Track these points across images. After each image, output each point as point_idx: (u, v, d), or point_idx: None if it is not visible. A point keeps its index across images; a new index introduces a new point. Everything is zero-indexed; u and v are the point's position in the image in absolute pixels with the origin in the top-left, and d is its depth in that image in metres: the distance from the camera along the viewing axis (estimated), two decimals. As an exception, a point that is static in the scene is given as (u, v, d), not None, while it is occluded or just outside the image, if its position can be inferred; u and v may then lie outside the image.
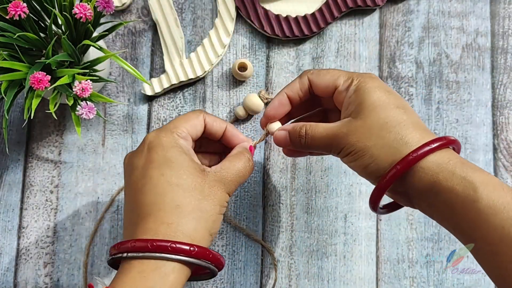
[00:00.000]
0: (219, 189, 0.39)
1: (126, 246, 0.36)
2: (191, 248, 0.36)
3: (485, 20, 0.58)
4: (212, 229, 0.39)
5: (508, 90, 0.57)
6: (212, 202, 0.38)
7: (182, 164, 0.38)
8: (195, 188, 0.38)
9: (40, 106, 0.54)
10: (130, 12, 0.58)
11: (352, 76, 0.41)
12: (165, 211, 0.37)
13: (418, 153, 0.36)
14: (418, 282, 0.53)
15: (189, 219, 0.37)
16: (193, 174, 0.38)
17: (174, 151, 0.39)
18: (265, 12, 0.56)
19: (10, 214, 0.54)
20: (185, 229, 0.37)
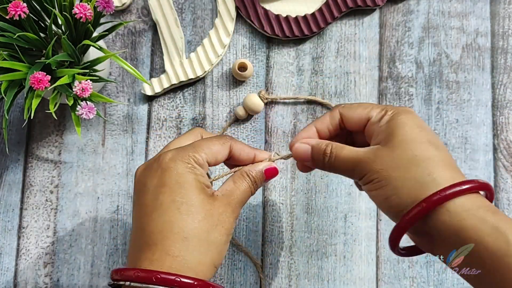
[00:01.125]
0: (227, 216, 0.38)
1: (130, 275, 0.35)
2: (195, 282, 0.35)
3: (485, 20, 0.58)
4: (217, 261, 0.37)
5: (508, 90, 0.57)
6: (220, 232, 0.37)
7: (193, 192, 0.37)
8: (204, 218, 0.36)
9: (40, 106, 0.54)
10: (130, 12, 0.58)
11: (386, 108, 0.39)
12: (172, 242, 0.36)
13: (446, 192, 0.33)
14: (418, 282, 0.53)
15: (196, 253, 0.36)
16: (203, 202, 0.37)
17: (187, 179, 0.37)
18: (265, 12, 0.56)
19: (10, 214, 0.54)
20: (190, 263, 0.36)
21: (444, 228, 0.34)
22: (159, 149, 0.55)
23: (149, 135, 0.56)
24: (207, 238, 0.36)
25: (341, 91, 0.56)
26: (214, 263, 0.37)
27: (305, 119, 0.56)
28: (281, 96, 0.56)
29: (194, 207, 0.36)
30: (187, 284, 0.34)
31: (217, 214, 0.37)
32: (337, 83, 0.57)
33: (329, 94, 0.56)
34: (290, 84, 0.57)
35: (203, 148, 0.39)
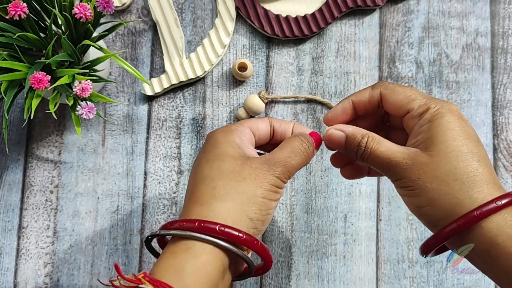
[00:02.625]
0: (262, 171, 0.37)
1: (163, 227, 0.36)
2: (219, 227, 0.34)
3: (485, 20, 0.58)
4: (252, 213, 0.36)
5: (508, 90, 0.57)
6: (252, 183, 0.36)
7: (227, 152, 0.37)
8: (233, 171, 0.37)
9: (40, 106, 0.54)
10: (130, 12, 0.58)
11: (430, 103, 0.37)
12: (201, 193, 0.36)
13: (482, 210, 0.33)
14: (418, 282, 0.53)
15: (223, 200, 0.36)
16: (235, 159, 0.37)
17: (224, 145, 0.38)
18: (265, 12, 0.56)
19: (10, 214, 0.54)
20: (217, 210, 0.35)
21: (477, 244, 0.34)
22: (159, 149, 0.55)
23: (149, 135, 0.56)
24: (235, 187, 0.36)
25: (341, 91, 0.56)
26: (247, 214, 0.36)
27: (305, 119, 0.56)
28: (281, 96, 0.56)
29: (224, 162, 0.37)
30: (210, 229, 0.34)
31: (249, 169, 0.37)
32: (337, 83, 0.57)
33: (329, 94, 0.56)
34: (290, 84, 0.57)
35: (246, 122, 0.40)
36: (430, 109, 0.36)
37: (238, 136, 0.39)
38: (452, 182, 0.34)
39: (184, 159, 0.55)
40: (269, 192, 0.37)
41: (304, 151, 0.39)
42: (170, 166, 0.55)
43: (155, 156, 0.55)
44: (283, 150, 0.38)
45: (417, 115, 0.37)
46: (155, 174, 0.55)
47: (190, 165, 0.55)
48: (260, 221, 0.36)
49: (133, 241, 0.54)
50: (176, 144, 0.56)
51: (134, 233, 0.54)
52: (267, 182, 0.37)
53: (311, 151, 0.39)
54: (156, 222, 0.54)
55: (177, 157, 0.55)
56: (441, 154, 0.35)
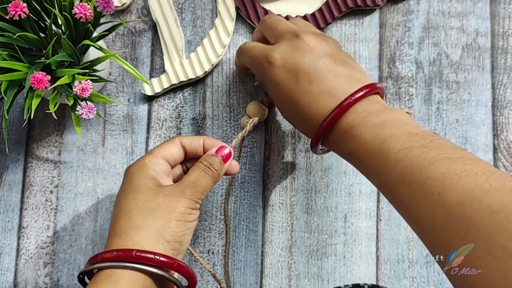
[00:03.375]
0: (174, 196, 0.40)
1: (88, 262, 0.39)
2: (135, 253, 0.37)
3: (485, 20, 0.58)
4: (169, 236, 0.39)
5: (508, 90, 0.57)
6: (166, 208, 0.40)
7: (141, 184, 0.41)
8: (148, 200, 0.40)
9: (40, 106, 0.54)
10: (130, 12, 0.58)
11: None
12: (120, 225, 0.39)
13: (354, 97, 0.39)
14: (418, 282, 0.53)
15: (139, 229, 0.39)
16: (149, 189, 0.41)
17: (137, 177, 0.42)
18: (265, 12, 0.56)
19: (10, 214, 0.54)
20: (134, 238, 0.38)
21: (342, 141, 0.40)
22: (159, 149, 0.55)
23: (149, 135, 0.56)
24: (150, 215, 0.39)
25: (341, 91, 0.56)
26: (164, 238, 0.39)
27: (305, 119, 0.56)
28: (281, 96, 0.56)
29: (139, 194, 0.40)
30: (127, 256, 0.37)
31: (162, 195, 0.40)
32: (337, 83, 0.57)
33: (329, 94, 0.56)
34: (290, 84, 0.56)
35: (155, 149, 0.44)
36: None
37: (152, 168, 0.42)
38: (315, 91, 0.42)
39: (184, 159, 0.55)
40: (183, 214, 0.40)
41: (210, 173, 0.43)
42: (170, 166, 0.55)
43: (155, 156, 0.55)
44: (191, 175, 0.43)
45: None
46: (155, 174, 0.55)
47: (190, 165, 0.55)
48: (177, 242, 0.40)
49: (133, 241, 0.54)
50: (176, 144, 0.56)
51: (134, 233, 0.54)
52: (179, 205, 0.40)
53: (216, 173, 0.44)
54: (156, 222, 0.54)
55: (177, 157, 0.55)
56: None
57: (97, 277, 0.38)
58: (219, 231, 0.54)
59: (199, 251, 0.54)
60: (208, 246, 0.54)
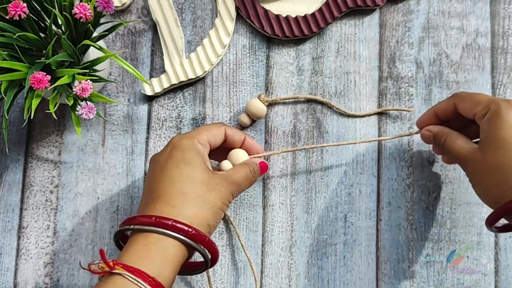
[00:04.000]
0: (224, 186, 0.44)
1: (134, 220, 0.41)
2: (189, 229, 0.40)
3: (485, 20, 0.58)
4: (211, 221, 0.43)
5: (508, 90, 0.57)
6: (215, 195, 0.43)
7: (195, 162, 0.44)
8: (202, 182, 0.43)
9: (40, 106, 0.54)
10: (130, 12, 0.58)
11: (491, 104, 0.43)
12: (172, 195, 0.42)
13: None
14: (418, 282, 0.53)
15: (192, 206, 0.42)
16: (203, 170, 0.43)
17: (191, 152, 0.44)
18: (265, 12, 0.56)
19: (10, 214, 0.54)
20: (186, 213, 0.41)
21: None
22: (159, 149, 0.55)
23: (149, 135, 0.56)
24: (202, 196, 0.42)
25: (341, 91, 0.56)
26: (208, 221, 0.42)
27: (305, 119, 0.56)
28: (281, 97, 0.56)
29: (194, 172, 0.43)
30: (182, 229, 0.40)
31: (214, 183, 0.43)
32: (337, 83, 0.57)
33: (329, 94, 0.56)
34: (290, 84, 0.57)
35: (203, 131, 0.47)
36: (490, 110, 0.43)
37: (201, 148, 0.45)
38: (500, 175, 0.41)
39: (184, 159, 0.55)
40: (224, 205, 0.44)
41: (252, 179, 0.48)
42: (170, 166, 0.55)
43: (155, 156, 0.55)
44: (238, 173, 0.46)
45: (481, 117, 0.43)
46: (155, 174, 0.55)
47: (190, 165, 0.55)
48: (214, 227, 0.43)
49: (133, 241, 0.54)
50: (176, 144, 0.56)
51: (134, 233, 0.54)
52: (225, 197, 0.44)
53: (255, 180, 0.49)
54: (156, 222, 0.54)
55: (177, 157, 0.55)
56: (491, 152, 0.41)
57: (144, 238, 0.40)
58: (219, 231, 0.54)
59: (199, 251, 0.54)
60: (208, 246, 0.54)
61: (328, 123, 0.56)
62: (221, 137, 0.48)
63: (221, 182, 0.44)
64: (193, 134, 0.46)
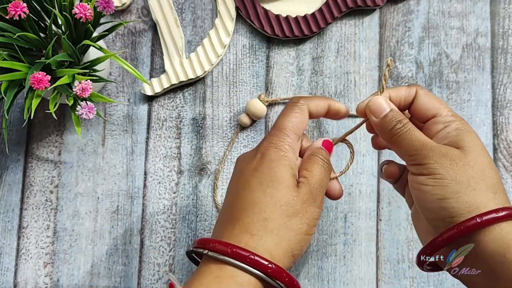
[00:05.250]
0: (310, 204, 0.37)
1: (208, 245, 0.36)
2: (270, 264, 0.35)
3: (485, 20, 0.58)
4: (296, 250, 0.37)
5: (508, 90, 0.57)
6: (300, 219, 0.37)
7: (282, 177, 0.37)
8: (287, 203, 0.37)
9: (40, 106, 0.54)
10: (130, 12, 0.58)
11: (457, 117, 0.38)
12: (252, 221, 0.36)
13: (483, 218, 0.33)
14: (418, 282, 0.53)
15: (273, 235, 0.36)
16: (289, 188, 0.37)
17: (279, 164, 0.38)
18: (265, 12, 0.56)
19: (10, 214, 0.54)
20: (267, 244, 0.36)
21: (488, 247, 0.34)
22: (159, 149, 0.55)
23: (149, 135, 0.56)
24: (287, 223, 0.36)
25: (341, 91, 0.56)
26: (292, 251, 0.37)
27: (305, 119, 0.56)
28: (281, 97, 0.56)
29: (279, 191, 0.37)
30: (261, 265, 0.35)
31: (301, 202, 0.37)
32: (337, 83, 0.57)
33: (329, 94, 0.56)
34: (290, 84, 0.57)
35: (289, 127, 0.39)
36: (456, 121, 0.38)
37: (292, 156, 0.38)
38: (480, 181, 0.35)
39: (184, 159, 0.55)
40: (313, 228, 0.38)
41: (328, 168, 0.40)
42: (170, 166, 0.55)
43: (155, 156, 0.55)
44: (316, 174, 0.38)
45: (443, 121, 0.38)
46: (155, 174, 0.55)
47: (190, 165, 0.55)
48: (299, 256, 0.38)
49: (133, 241, 0.54)
50: (176, 144, 0.56)
51: (134, 233, 0.54)
52: (312, 217, 0.37)
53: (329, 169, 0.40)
54: (156, 222, 0.54)
55: (177, 157, 0.55)
56: (473, 154, 0.35)
57: (218, 270, 0.35)
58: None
59: (199, 251, 0.54)
60: (208, 246, 0.54)
61: (328, 123, 0.56)
62: (306, 120, 0.40)
63: (307, 198, 0.37)
64: (282, 137, 0.39)
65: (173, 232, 0.54)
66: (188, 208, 0.55)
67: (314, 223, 0.38)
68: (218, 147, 0.56)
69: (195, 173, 0.55)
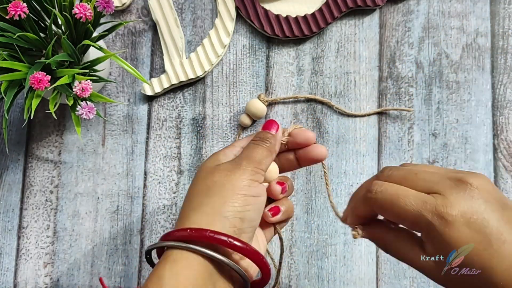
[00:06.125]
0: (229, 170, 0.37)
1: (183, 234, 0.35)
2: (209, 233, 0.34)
3: (485, 20, 0.58)
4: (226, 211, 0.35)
5: (508, 90, 0.57)
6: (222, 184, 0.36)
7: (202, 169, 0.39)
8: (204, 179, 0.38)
9: (40, 106, 0.54)
10: (130, 12, 0.58)
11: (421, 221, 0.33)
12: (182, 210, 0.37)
13: None
14: (418, 282, 0.53)
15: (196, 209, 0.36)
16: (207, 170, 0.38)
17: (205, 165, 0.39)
18: (265, 12, 0.56)
19: (10, 214, 0.54)
20: (191, 218, 0.36)
21: None
22: (159, 149, 0.55)
23: (149, 135, 0.56)
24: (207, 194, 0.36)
25: (341, 91, 0.56)
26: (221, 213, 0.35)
27: (305, 119, 0.56)
28: (281, 97, 0.56)
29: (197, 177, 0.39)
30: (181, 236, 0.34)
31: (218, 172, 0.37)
32: (337, 83, 0.57)
33: (329, 94, 0.56)
34: (290, 84, 0.57)
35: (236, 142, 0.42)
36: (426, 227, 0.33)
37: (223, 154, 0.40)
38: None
39: (184, 159, 0.55)
40: (242, 187, 0.36)
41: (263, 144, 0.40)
42: (170, 166, 0.55)
43: (155, 156, 0.55)
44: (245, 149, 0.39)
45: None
46: (155, 174, 0.55)
47: (190, 165, 0.55)
48: (237, 218, 0.35)
49: (133, 241, 0.54)
50: (176, 144, 0.56)
51: (134, 233, 0.54)
52: (236, 177, 0.36)
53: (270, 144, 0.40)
54: (156, 222, 0.54)
55: (177, 157, 0.55)
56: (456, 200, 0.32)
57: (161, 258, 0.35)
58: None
59: (199, 251, 0.54)
60: (208, 246, 0.54)
61: (328, 123, 0.56)
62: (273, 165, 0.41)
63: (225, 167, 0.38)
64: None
65: (173, 232, 0.54)
66: (188, 208, 0.55)
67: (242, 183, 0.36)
68: (218, 147, 0.56)
69: (195, 173, 0.55)
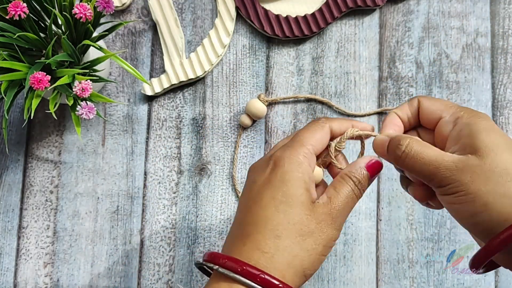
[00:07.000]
0: (326, 225, 0.35)
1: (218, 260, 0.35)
2: (280, 284, 0.33)
3: (485, 20, 0.58)
4: (308, 270, 0.35)
5: (508, 90, 0.57)
6: (315, 240, 0.35)
7: (295, 193, 0.35)
8: (300, 222, 0.35)
9: (40, 106, 0.54)
10: (130, 12, 0.58)
11: (463, 110, 0.36)
12: (263, 237, 0.35)
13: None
14: (418, 282, 0.53)
15: (285, 254, 0.34)
16: (302, 205, 0.35)
17: (292, 177, 0.36)
18: (265, 12, 0.56)
19: (10, 214, 0.54)
20: (278, 263, 0.34)
21: None
22: (159, 149, 0.55)
23: (149, 135, 0.56)
24: (300, 242, 0.35)
25: (341, 91, 0.56)
26: (304, 271, 0.35)
27: (305, 119, 0.56)
28: (281, 97, 0.56)
29: (292, 208, 0.35)
30: (270, 284, 0.33)
31: (316, 222, 0.35)
32: (337, 83, 0.57)
33: (329, 94, 0.56)
34: (290, 84, 0.57)
35: (308, 140, 0.37)
36: (464, 115, 0.35)
37: (307, 170, 0.37)
38: (506, 183, 0.32)
39: (184, 159, 0.55)
40: (329, 249, 0.36)
41: (359, 193, 0.37)
42: (170, 166, 0.55)
43: (155, 156, 0.55)
44: (341, 196, 0.36)
45: (450, 121, 0.36)
46: (155, 174, 0.55)
47: (190, 165, 0.55)
48: (310, 275, 0.36)
49: (133, 241, 0.54)
50: (176, 144, 0.56)
51: (134, 233, 0.54)
52: (329, 239, 0.36)
53: (363, 192, 0.38)
54: (156, 222, 0.54)
55: (177, 157, 0.55)
56: (491, 155, 0.33)
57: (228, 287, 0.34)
58: (219, 231, 0.54)
59: (199, 251, 0.54)
60: (208, 246, 0.54)
61: (328, 123, 0.56)
62: (327, 139, 0.39)
63: (323, 218, 0.35)
64: (297, 146, 0.37)
65: (173, 232, 0.54)
66: (188, 208, 0.55)
67: (331, 245, 0.36)
68: (218, 147, 0.56)
69: (195, 173, 0.55)
